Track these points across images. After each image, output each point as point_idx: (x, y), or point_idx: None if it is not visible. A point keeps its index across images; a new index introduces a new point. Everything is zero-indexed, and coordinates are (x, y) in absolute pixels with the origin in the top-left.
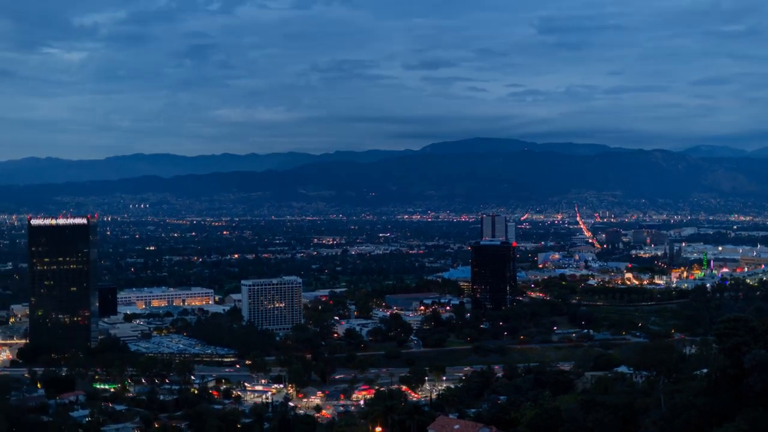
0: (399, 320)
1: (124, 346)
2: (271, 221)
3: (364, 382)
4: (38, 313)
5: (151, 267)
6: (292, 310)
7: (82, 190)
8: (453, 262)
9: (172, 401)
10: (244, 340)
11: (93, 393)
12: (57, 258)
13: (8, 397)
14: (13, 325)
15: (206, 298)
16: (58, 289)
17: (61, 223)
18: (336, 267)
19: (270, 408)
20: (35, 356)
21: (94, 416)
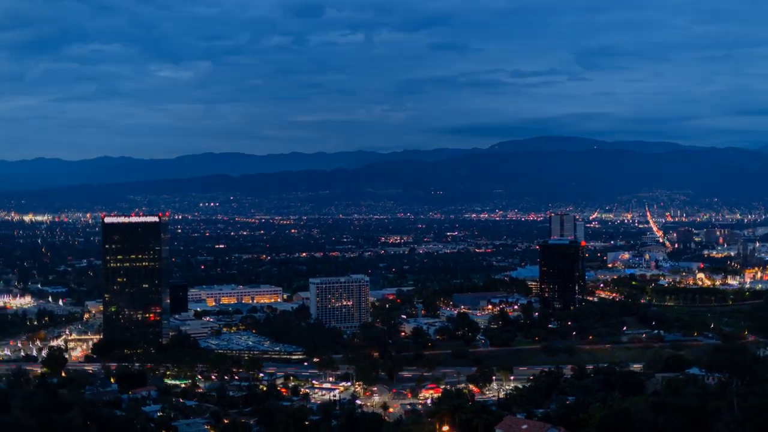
0: (466, 319)
1: (195, 343)
2: (339, 220)
3: (431, 381)
4: (111, 309)
5: (221, 265)
6: (359, 308)
7: (154, 188)
8: (521, 261)
9: (241, 397)
10: (312, 337)
11: (164, 388)
12: (130, 255)
13: (83, 392)
14: (88, 321)
15: (275, 296)
16: (131, 286)
17: (133, 221)
18: (403, 265)
19: (337, 405)
20: (109, 352)
21: (165, 411)
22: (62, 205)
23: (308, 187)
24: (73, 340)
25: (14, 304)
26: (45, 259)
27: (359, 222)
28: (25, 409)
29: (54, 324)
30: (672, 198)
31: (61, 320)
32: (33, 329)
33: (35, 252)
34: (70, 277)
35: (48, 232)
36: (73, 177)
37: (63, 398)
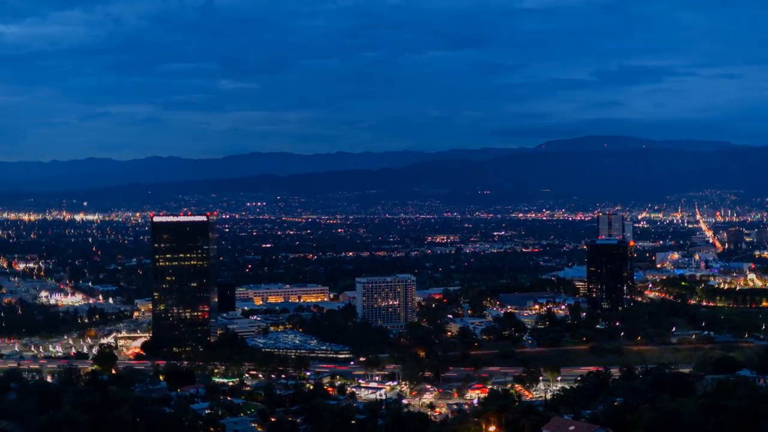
0: (513, 319)
1: (242, 341)
2: (386, 219)
3: (478, 381)
4: (160, 307)
5: (268, 264)
6: (405, 307)
7: (202, 188)
8: (568, 261)
9: (288, 396)
10: (359, 336)
11: (212, 386)
12: (178, 254)
13: (133, 389)
14: (137, 319)
15: (321, 295)
16: (180, 285)
17: (182, 220)
18: (450, 265)
19: (383, 405)
20: (158, 350)
21: (213, 409)
22: (112, 205)
23: (355, 186)
24: (123, 337)
25: (66, 302)
26: (96, 258)
27: (406, 221)
28: (76, 406)
29: (104, 322)
30: (722, 197)
31: (111, 318)
32: (84, 327)
33: (86, 251)
34: (120, 275)
35: (98, 231)
36: (123, 177)
37: (113, 395)
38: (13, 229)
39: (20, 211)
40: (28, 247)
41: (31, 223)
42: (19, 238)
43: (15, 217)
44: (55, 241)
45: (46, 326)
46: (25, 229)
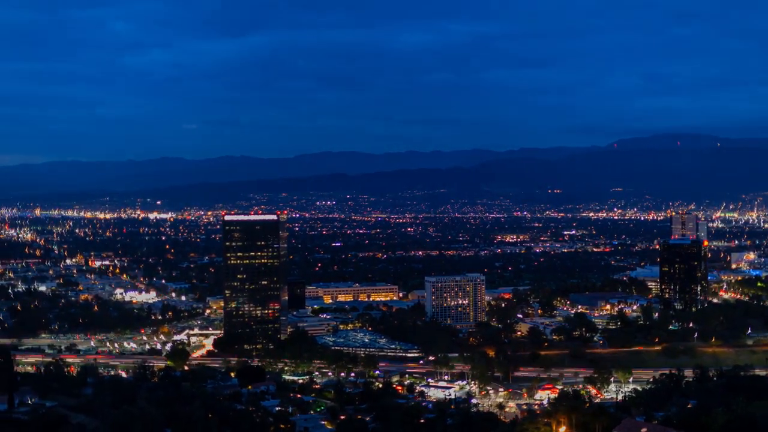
0: (584, 319)
1: (312, 339)
2: (455, 218)
3: (548, 381)
4: (231, 305)
5: (338, 263)
6: (474, 307)
7: (273, 187)
8: (640, 260)
9: (357, 394)
10: (428, 335)
11: (282, 383)
12: (249, 253)
13: (205, 385)
14: (209, 316)
15: (390, 294)
16: (251, 283)
17: (252, 219)
18: (519, 265)
19: (453, 404)
20: (229, 347)
21: (283, 406)
22: (185, 203)
23: (424, 185)
24: (195, 334)
25: (140, 299)
26: (169, 256)
27: (475, 221)
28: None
29: (177, 319)
30: None
31: (184, 315)
32: (157, 324)
33: (159, 249)
34: (192, 273)
35: (171, 229)
36: (196, 176)
37: (186, 391)
38: (89, 228)
39: (96, 210)
40: (103, 245)
41: (107, 221)
42: (95, 236)
43: (91, 216)
44: (130, 240)
45: (121, 323)
46: (101, 227)
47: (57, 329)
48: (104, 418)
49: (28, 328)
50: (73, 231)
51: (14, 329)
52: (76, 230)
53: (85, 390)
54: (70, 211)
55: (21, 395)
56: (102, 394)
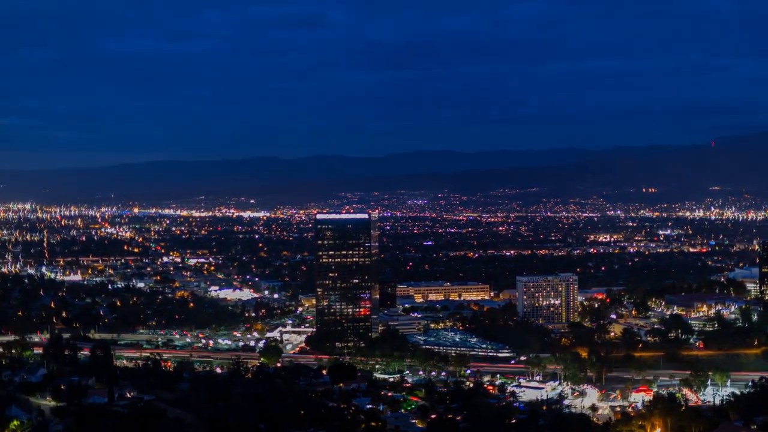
0: (679, 321)
1: (403, 338)
2: (547, 217)
3: (642, 383)
4: (323, 303)
5: (429, 261)
6: (567, 307)
7: (365, 186)
8: (738, 261)
9: (448, 393)
10: (519, 335)
11: (373, 381)
12: (341, 251)
13: (297, 382)
14: (301, 314)
15: (481, 293)
16: (342, 281)
17: (344, 217)
18: (613, 265)
19: (545, 405)
20: (321, 344)
21: (374, 404)
22: (278, 202)
23: (516, 184)
24: (288, 332)
25: (234, 297)
26: (262, 254)
27: (568, 219)
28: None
29: (270, 316)
30: None
31: (277, 313)
32: (251, 321)
33: (253, 247)
34: (285, 271)
35: (264, 228)
36: (289, 175)
37: (279, 388)
38: (185, 226)
39: (192, 209)
40: (199, 243)
41: (202, 219)
42: (191, 234)
43: (187, 214)
44: (225, 238)
45: (215, 319)
46: (197, 225)
47: (154, 325)
48: (200, 413)
49: (126, 324)
50: (169, 229)
51: (114, 325)
52: (172, 228)
53: (182, 385)
54: (167, 209)
55: (120, 389)
56: (197, 389)
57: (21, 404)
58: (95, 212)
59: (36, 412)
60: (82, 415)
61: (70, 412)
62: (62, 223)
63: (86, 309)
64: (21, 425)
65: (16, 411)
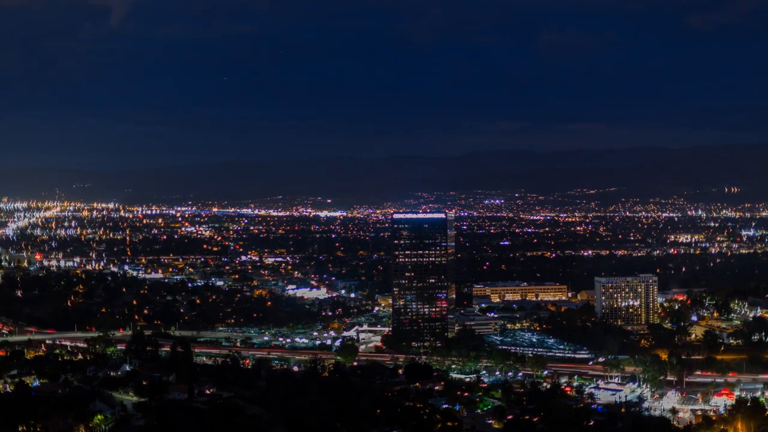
0: (763, 323)
1: (479, 338)
2: (626, 217)
3: (724, 386)
4: (399, 302)
5: (505, 261)
6: (646, 308)
7: (441, 185)
8: None
9: (525, 394)
10: (597, 337)
11: (449, 381)
12: (417, 251)
13: (373, 381)
14: (378, 313)
15: (559, 293)
16: (418, 281)
17: (421, 217)
18: (694, 265)
19: (623, 407)
20: (397, 343)
21: (450, 403)
22: (354, 201)
23: (595, 183)
24: (364, 331)
25: (310, 295)
26: (338, 253)
27: (647, 219)
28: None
29: (346, 315)
30: None
31: (353, 312)
32: (327, 319)
33: (330, 246)
34: (361, 270)
35: (341, 227)
36: (365, 174)
37: (355, 386)
38: (263, 225)
39: (270, 208)
40: (276, 242)
41: (280, 219)
42: (269, 233)
43: (265, 214)
44: (302, 237)
45: (293, 318)
46: (274, 225)
47: (233, 323)
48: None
49: (206, 322)
50: (247, 228)
51: (193, 322)
52: (250, 227)
53: (259, 382)
54: (245, 209)
55: (199, 385)
56: (275, 387)
57: (105, 399)
58: (175, 211)
59: (119, 406)
60: (164, 410)
61: (151, 408)
62: (144, 222)
63: (167, 306)
64: (105, 419)
65: (100, 405)
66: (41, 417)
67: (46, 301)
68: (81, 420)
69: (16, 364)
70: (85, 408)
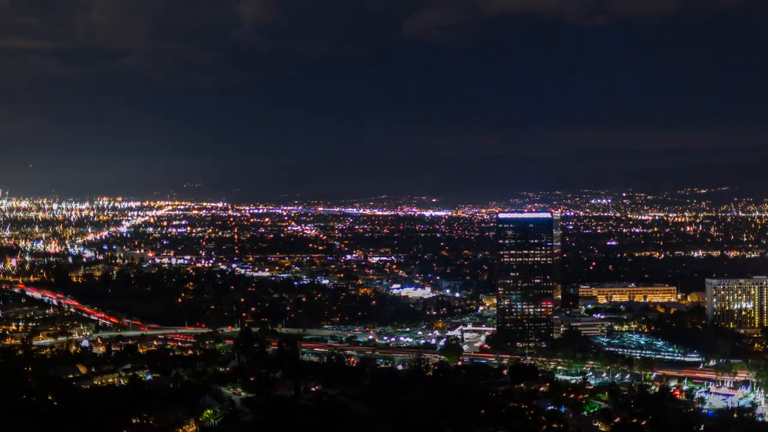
0: None
1: (585, 339)
2: (739, 218)
3: None
4: (504, 302)
5: (612, 262)
6: (760, 311)
7: (547, 185)
8: None
9: (632, 397)
10: (708, 340)
11: (555, 383)
12: (522, 250)
13: (477, 381)
14: (482, 313)
15: (667, 295)
16: (523, 281)
17: (526, 216)
18: None
19: (735, 413)
20: (501, 344)
21: (556, 405)
22: (459, 201)
23: (705, 183)
24: (468, 330)
25: (414, 294)
26: (443, 253)
27: (761, 219)
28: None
29: (450, 314)
30: None
31: (457, 311)
32: (431, 319)
33: (434, 246)
34: (466, 269)
35: (446, 226)
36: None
37: (459, 386)
38: (368, 224)
39: (374, 208)
40: (381, 241)
41: (385, 218)
42: (374, 232)
43: (370, 213)
44: (406, 237)
45: (397, 317)
46: (379, 224)
47: (338, 321)
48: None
49: (311, 320)
50: (352, 227)
51: (299, 320)
52: (355, 227)
53: (364, 380)
54: (350, 208)
55: (305, 382)
56: (379, 385)
57: (214, 394)
58: (282, 210)
59: (227, 401)
60: (271, 406)
61: (259, 403)
62: (251, 220)
63: (274, 304)
64: (214, 414)
65: (209, 400)
66: (154, 410)
67: (158, 298)
68: (191, 414)
69: (130, 358)
70: (195, 402)
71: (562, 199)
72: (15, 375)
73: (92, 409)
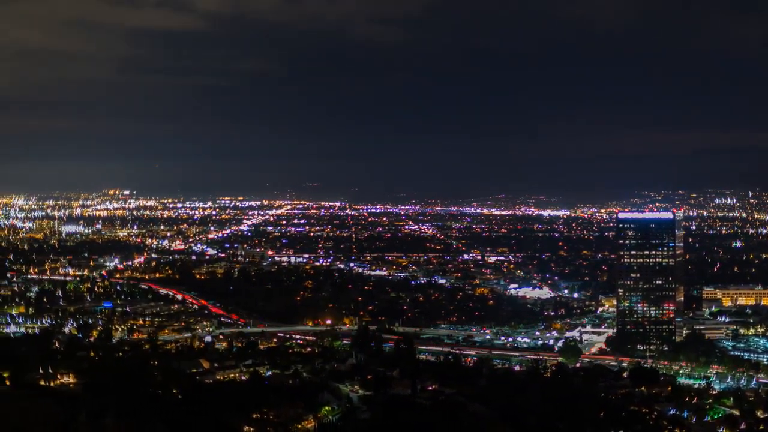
0: None
1: (709, 343)
2: None
3: None
4: (624, 304)
5: (738, 263)
6: None
7: (669, 184)
8: None
9: (758, 403)
10: None
11: (677, 387)
12: (643, 251)
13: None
14: (601, 314)
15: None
16: (644, 282)
17: (647, 216)
18: None
19: None
20: (621, 346)
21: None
22: (578, 200)
23: None
24: (587, 332)
25: (532, 295)
26: (561, 253)
27: None
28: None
29: (569, 315)
30: None
31: (576, 312)
32: (549, 320)
33: (552, 246)
34: (584, 270)
35: (564, 226)
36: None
37: (577, 388)
38: (486, 224)
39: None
40: (498, 241)
41: (502, 218)
42: (491, 232)
43: (488, 213)
44: (524, 236)
45: (514, 317)
46: (497, 223)
47: (454, 321)
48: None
49: (428, 319)
50: (470, 227)
51: (416, 319)
52: (473, 226)
53: (480, 380)
54: (468, 207)
55: (422, 381)
56: (496, 386)
57: (331, 391)
58: (399, 210)
59: (345, 399)
60: (388, 404)
61: (376, 401)
62: (369, 220)
63: (391, 303)
64: (332, 410)
65: (327, 397)
66: (273, 405)
67: (278, 296)
68: (310, 410)
69: (250, 354)
70: (313, 399)
71: (685, 198)
72: (142, 368)
73: (215, 403)
